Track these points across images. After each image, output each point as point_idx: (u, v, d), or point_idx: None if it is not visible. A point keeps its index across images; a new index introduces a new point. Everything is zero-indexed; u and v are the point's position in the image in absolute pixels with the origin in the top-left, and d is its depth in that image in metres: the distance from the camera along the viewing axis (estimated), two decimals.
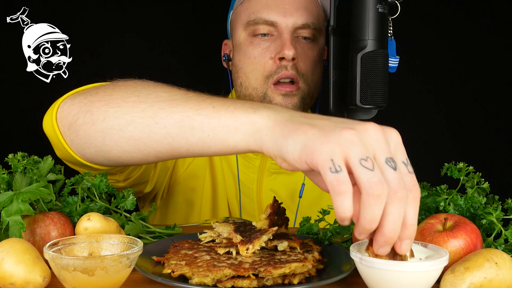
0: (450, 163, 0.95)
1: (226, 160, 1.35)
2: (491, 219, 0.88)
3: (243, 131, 0.74)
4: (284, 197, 1.33)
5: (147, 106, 0.82)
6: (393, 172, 0.65)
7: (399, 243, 0.69)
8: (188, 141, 0.79)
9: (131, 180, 1.14)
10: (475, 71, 1.77)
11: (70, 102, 0.92)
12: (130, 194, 1.00)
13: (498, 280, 0.76)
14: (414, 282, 0.73)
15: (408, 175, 0.67)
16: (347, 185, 0.64)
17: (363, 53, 1.06)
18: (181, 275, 0.79)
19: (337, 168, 0.64)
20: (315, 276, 0.82)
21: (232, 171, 1.33)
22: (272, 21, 1.23)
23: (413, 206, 0.67)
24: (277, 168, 1.32)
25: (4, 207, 0.85)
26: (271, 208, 0.92)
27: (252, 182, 1.32)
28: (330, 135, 0.66)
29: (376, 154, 0.66)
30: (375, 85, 1.07)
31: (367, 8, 1.06)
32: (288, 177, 1.34)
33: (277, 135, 0.70)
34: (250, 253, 0.83)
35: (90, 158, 0.92)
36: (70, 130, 0.91)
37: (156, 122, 0.81)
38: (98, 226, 0.87)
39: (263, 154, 1.27)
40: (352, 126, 0.67)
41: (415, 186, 0.67)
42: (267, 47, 1.23)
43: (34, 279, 0.75)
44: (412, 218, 0.67)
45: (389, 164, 0.66)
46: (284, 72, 1.21)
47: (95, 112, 0.87)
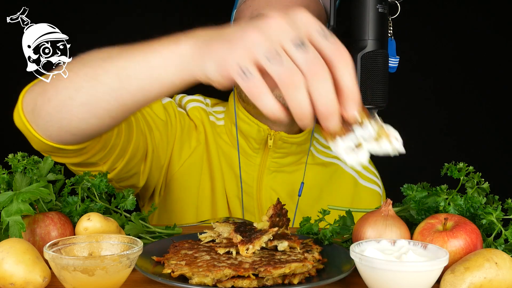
0: (450, 163, 0.95)
1: (226, 158, 1.34)
2: (491, 219, 0.88)
3: (173, 67, 0.78)
4: (283, 196, 1.33)
5: (89, 69, 0.87)
6: (303, 54, 0.66)
7: (343, 110, 0.69)
8: (130, 92, 0.84)
9: (117, 171, 1.13)
10: (475, 71, 1.77)
11: (30, 90, 0.97)
12: (130, 194, 1.00)
13: (498, 280, 0.76)
14: (414, 282, 0.73)
15: (328, 45, 0.68)
16: (260, 86, 0.66)
17: (363, 53, 1.06)
18: (181, 275, 0.79)
19: (246, 72, 0.67)
20: (315, 276, 0.82)
21: (233, 170, 1.33)
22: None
23: (345, 70, 0.68)
24: (277, 167, 1.32)
25: (4, 207, 0.85)
26: (273, 210, 0.92)
27: (252, 180, 1.33)
28: (236, 43, 0.69)
29: (282, 43, 0.67)
30: (375, 85, 1.07)
31: (367, 8, 1.06)
32: (288, 176, 1.34)
33: (199, 60, 0.74)
34: (250, 253, 0.83)
35: (56, 138, 0.95)
36: (33, 115, 0.95)
37: (98, 81, 0.86)
38: (98, 226, 0.87)
39: (263, 152, 1.28)
40: (255, 25, 0.69)
41: (338, 50, 0.68)
42: None
43: (34, 279, 0.75)
44: (347, 81, 0.68)
45: (298, 48, 0.67)
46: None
47: (49, 89, 0.91)
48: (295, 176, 1.35)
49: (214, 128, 1.36)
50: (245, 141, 1.31)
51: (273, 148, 1.30)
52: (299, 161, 1.35)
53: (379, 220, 0.87)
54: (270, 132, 1.28)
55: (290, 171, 1.34)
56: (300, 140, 1.31)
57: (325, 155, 1.40)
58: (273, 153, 1.31)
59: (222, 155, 1.34)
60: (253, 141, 1.29)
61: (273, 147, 1.29)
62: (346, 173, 1.39)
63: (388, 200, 0.90)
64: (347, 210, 1.02)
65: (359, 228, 0.88)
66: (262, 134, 1.28)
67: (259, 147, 1.30)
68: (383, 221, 0.87)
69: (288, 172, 1.34)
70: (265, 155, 1.31)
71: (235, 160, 1.34)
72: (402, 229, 0.86)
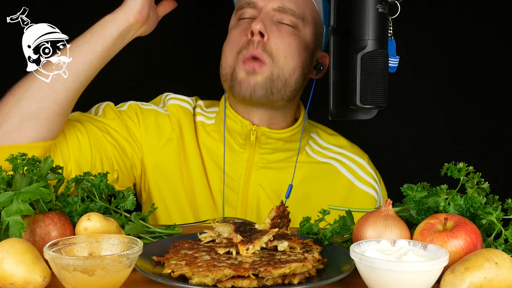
0: (450, 163, 0.95)
1: (211, 155, 1.35)
2: (491, 219, 0.88)
3: (113, 21, 1.18)
4: (270, 193, 1.33)
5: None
6: None
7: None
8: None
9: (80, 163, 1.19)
10: (475, 71, 1.77)
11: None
12: (130, 194, 1.00)
13: (498, 280, 0.76)
14: (414, 282, 0.73)
15: None
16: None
17: (363, 53, 1.06)
18: (181, 275, 0.79)
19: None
20: (315, 276, 0.82)
21: (218, 165, 1.34)
22: (254, 2, 1.28)
23: None
24: (265, 163, 1.32)
25: (4, 207, 0.85)
26: (276, 212, 0.92)
27: (239, 176, 1.33)
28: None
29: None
30: (375, 85, 1.07)
31: (367, 8, 1.06)
32: (277, 172, 1.34)
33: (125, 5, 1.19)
34: (250, 253, 0.83)
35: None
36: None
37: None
38: (98, 226, 0.87)
39: (250, 148, 1.29)
40: None
41: None
42: (247, 27, 1.26)
43: (34, 279, 0.75)
44: None
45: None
46: (252, 50, 1.23)
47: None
48: (284, 173, 1.34)
49: (203, 127, 1.37)
50: (231, 137, 1.32)
51: (258, 143, 1.30)
52: (290, 159, 1.35)
53: (379, 220, 0.87)
54: (252, 128, 1.28)
55: (279, 168, 1.34)
56: (285, 136, 1.31)
57: (321, 156, 1.39)
58: (260, 148, 1.31)
59: (206, 152, 1.35)
60: (238, 136, 1.30)
61: (258, 142, 1.30)
62: (341, 175, 1.38)
63: (388, 200, 0.90)
64: (347, 210, 1.02)
65: (359, 228, 0.88)
66: (245, 130, 1.29)
67: (244, 142, 1.30)
68: (383, 221, 0.87)
69: (277, 169, 1.34)
70: (252, 151, 1.31)
71: (221, 156, 1.35)
72: (402, 229, 0.86)
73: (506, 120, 1.78)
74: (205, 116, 1.40)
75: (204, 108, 1.42)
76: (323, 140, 1.43)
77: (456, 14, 1.76)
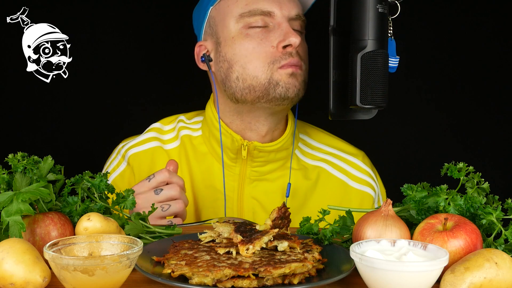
0: (450, 163, 0.95)
1: (200, 168, 1.34)
2: (491, 219, 0.88)
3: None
4: (266, 204, 1.31)
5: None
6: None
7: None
8: None
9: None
10: (475, 71, 1.77)
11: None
12: (130, 194, 1.00)
13: (498, 280, 0.76)
14: (414, 282, 0.73)
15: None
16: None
17: (363, 53, 1.06)
18: (181, 275, 0.79)
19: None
20: (315, 276, 0.82)
21: (209, 177, 1.33)
22: (270, 11, 1.24)
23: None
24: (258, 176, 1.31)
25: (4, 207, 0.85)
26: (278, 213, 0.92)
27: (232, 190, 1.32)
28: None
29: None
30: (375, 85, 1.07)
31: (367, 8, 1.06)
32: (271, 184, 1.32)
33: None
34: (250, 253, 0.83)
35: None
36: None
37: None
38: (98, 226, 0.87)
39: (242, 161, 1.28)
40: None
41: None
42: (266, 37, 1.23)
43: (34, 279, 0.75)
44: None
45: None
46: (291, 59, 1.22)
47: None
48: (278, 183, 1.33)
49: (190, 141, 1.36)
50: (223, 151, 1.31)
51: (250, 157, 1.29)
52: (283, 166, 1.33)
53: (379, 220, 0.87)
54: (243, 142, 1.28)
55: (273, 179, 1.33)
56: (276, 147, 1.29)
57: (311, 158, 1.37)
58: (251, 162, 1.29)
59: (197, 167, 1.34)
60: (229, 151, 1.29)
61: (250, 156, 1.28)
62: (333, 177, 1.36)
63: (388, 200, 0.90)
64: (347, 210, 1.02)
65: (359, 228, 0.88)
66: (236, 144, 1.28)
67: (235, 156, 1.29)
68: (383, 221, 0.87)
69: (271, 180, 1.33)
70: (244, 165, 1.30)
71: (211, 168, 1.34)
72: (402, 229, 0.86)
73: (506, 120, 1.78)
74: (190, 128, 1.38)
75: (187, 120, 1.40)
76: (313, 139, 1.41)
77: (456, 14, 1.76)
